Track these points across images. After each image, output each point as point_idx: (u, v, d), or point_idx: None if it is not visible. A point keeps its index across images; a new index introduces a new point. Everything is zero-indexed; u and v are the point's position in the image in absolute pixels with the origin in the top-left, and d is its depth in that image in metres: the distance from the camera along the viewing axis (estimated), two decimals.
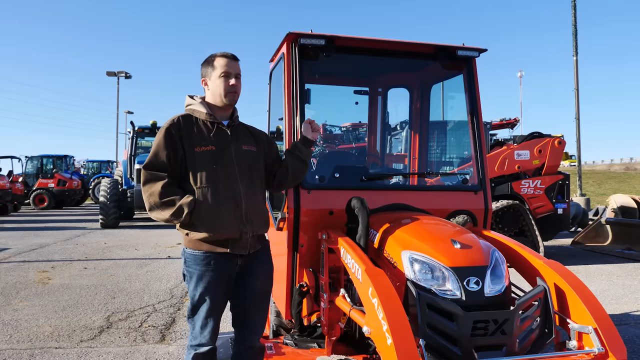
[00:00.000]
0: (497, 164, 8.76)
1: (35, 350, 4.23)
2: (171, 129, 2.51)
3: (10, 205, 20.36)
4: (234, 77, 2.60)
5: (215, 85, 2.59)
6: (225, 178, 2.50)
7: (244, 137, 2.68)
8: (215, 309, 2.54)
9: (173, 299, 6.01)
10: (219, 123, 2.59)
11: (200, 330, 2.53)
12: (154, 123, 16.71)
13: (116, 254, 9.61)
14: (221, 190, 2.48)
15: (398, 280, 2.34)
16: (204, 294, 2.49)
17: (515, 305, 2.21)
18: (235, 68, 2.61)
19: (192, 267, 2.52)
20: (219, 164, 2.50)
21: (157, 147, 2.51)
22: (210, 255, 2.49)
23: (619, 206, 11.32)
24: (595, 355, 2.11)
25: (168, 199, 2.43)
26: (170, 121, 2.55)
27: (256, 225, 2.58)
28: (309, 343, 3.21)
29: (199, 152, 2.50)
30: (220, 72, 2.57)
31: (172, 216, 2.43)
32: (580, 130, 18.55)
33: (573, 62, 18.47)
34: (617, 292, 6.54)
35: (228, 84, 2.58)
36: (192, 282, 2.53)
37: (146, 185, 2.49)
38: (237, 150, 2.59)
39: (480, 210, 3.26)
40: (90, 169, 32.65)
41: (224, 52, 2.63)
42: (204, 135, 2.54)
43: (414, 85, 4.25)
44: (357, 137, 7.15)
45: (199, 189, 2.48)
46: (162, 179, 2.47)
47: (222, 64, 2.58)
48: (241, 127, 2.73)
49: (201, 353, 2.54)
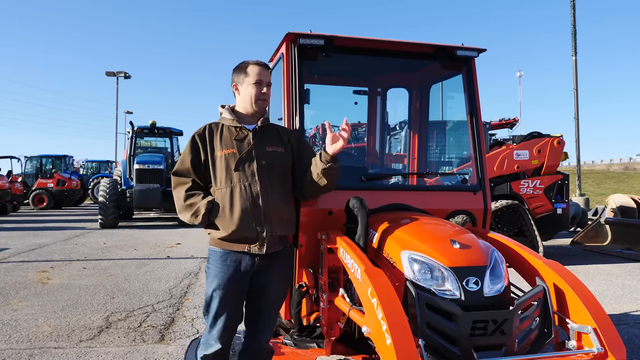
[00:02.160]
0: (496, 164, 8.77)
1: (35, 350, 4.23)
2: (195, 137, 2.67)
3: (10, 205, 20.34)
4: (266, 85, 2.68)
5: (247, 91, 2.68)
6: (244, 179, 2.58)
7: (269, 138, 2.71)
8: (226, 308, 2.57)
9: (172, 299, 6.01)
10: (242, 127, 2.66)
11: (209, 329, 2.61)
12: (153, 123, 16.70)
13: (115, 254, 9.60)
14: (239, 191, 2.56)
15: (397, 280, 2.34)
16: (216, 291, 2.57)
17: (515, 305, 2.21)
18: (267, 77, 2.69)
19: (212, 263, 2.63)
20: (238, 166, 2.59)
21: (183, 154, 2.69)
22: (229, 253, 2.58)
23: (618, 206, 11.33)
24: (595, 355, 2.11)
25: (189, 201, 2.59)
26: (197, 130, 2.70)
27: (275, 226, 2.60)
28: (308, 343, 3.21)
29: (220, 155, 2.61)
30: (253, 80, 2.65)
31: (191, 217, 2.57)
32: (579, 130, 18.57)
33: (572, 62, 18.47)
34: (617, 292, 6.54)
35: (260, 91, 2.66)
36: (208, 278, 2.63)
37: (174, 190, 2.68)
38: (260, 152, 2.63)
39: (479, 210, 3.26)
40: (89, 169, 32.61)
41: (257, 60, 2.71)
42: (226, 139, 2.64)
43: (414, 85, 4.25)
44: (357, 137, 7.16)
45: (219, 190, 2.60)
46: (186, 183, 2.64)
47: (255, 71, 2.66)
48: (269, 128, 2.76)
49: (209, 354, 2.60)
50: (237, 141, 2.63)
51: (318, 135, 7.49)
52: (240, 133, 2.66)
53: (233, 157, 2.60)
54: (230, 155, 2.60)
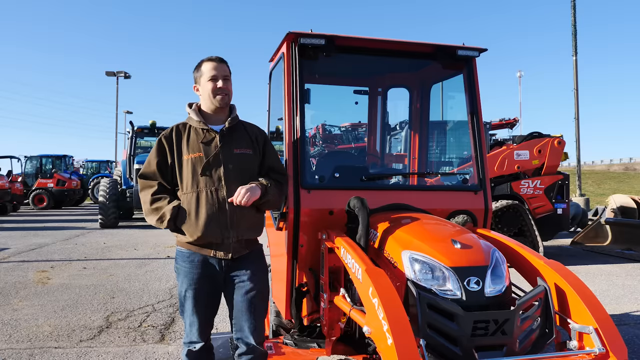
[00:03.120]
0: (496, 164, 8.76)
1: (35, 350, 4.23)
2: (162, 139, 2.63)
3: (10, 205, 20.34)
4: (222, 79, 2.64)
5: (205, 89, 2.66)
6: (210, 184, 2.55)
7: (238, 140, 2.67)
8: (200, 306, 2.58)
9: (172, 299, 6.00)
10: (209, 129, 2.62)
11: (189, 328, 2.61)
12: (153, 123, 16.69)
13: (115, 253, 9.60)
14: (205, 196, 2.54)
15: (398, 280, 2.34)
16: (187, 290, 2.59)
17: (516, 305, 2.20)
18: (222, 70, 2.65)
19: (180, 263, 2.64)
20: (205, 170, 2.55)
21: (150, 157, 2.65)
22: (196, 254, 2.59)
23: (619, 206, 11.34)
24: (596, 355, 2.10)
25: (155, 205, 2.57)
26: (164, 132, 2.66)
27: (242, 231, 2.59)
28: (309, 343, 3.20)
29: (187, 159, 2.58)
30: (207, 76, 2.63)
31: (157, 222, 2.55)
32: (579, 130, 18.56)
33: (572, 62, 18.48)
34: (617, 292, 6.54)
35: (215, 86, 2.63)
36: (179, 278, 2.64)
37: (141, 192, 2.65)
38: (227, 155, 2.59)
39: (480, 210, 3.25)
40: (89, 169, 32.59)
41: (210, 56, 2.68)
42: (193, 142, 2.60)
43: (414, 85, 4.25)
44: (357, 137, 7.16)
45: (184, 195, 2.58)
46: (152, 186, 2.60)
47: (208, 68, 2.64)
48: (238, 129, 2.71)
49: (194, 351, 2.60)
50: (203, 144, 2.58)
51: (318, 135, 7.49)
52: (207, 135, 2.61)
53: (200, 161, 2.56)
54: (197, 159, 2.56)
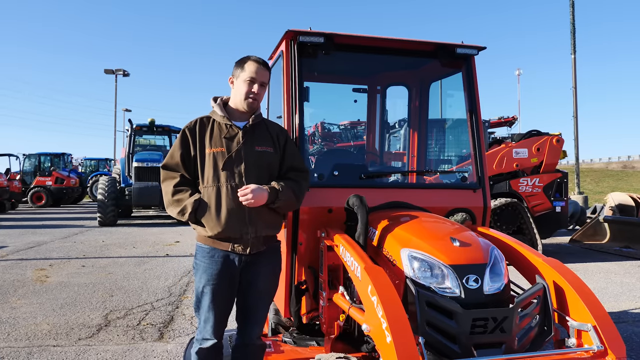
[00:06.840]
0: (495, 162, 8.77)
1: (33, 348, 4.22)
2: (186, 131, 2.63)
3: (8, 203, 20.32)
4: (259, 84, 2.63)
5: (239, 87, 2.65)
6: (231, 179, 2.56)
7: (260, 137, 2.68)
8: (218, 302, 2.57)
9: (171, 297, 6.01)
10: (232, 125, 2.63)
11: (203, 324, 2.61)
12: (152, 121, 16.67)
13: (114, 252, 9.59)
14: (225, 191, 2.54)
15: (397, 278, 2.34)
16: (205, 287, 2.57)
17: (515, 303, 2.21)
18: (262, 76, 2.64)
19: (199, 259, 2.62)
20: (226, 165, 2.56)
21: (173, 148, 2.65)
22: (215, 250, 2.58)
23: (617, 204, 11.37)
24: (595, 352, 2.11)
25: (177, 197, 2.56)
26: (188, 124, 2.66)
27: (260, 227, 2.59)
28: (308, 341, 3.21)
29: (209, 153, 2.58)
30: (247, 77, 2.61)
31: (178, 214, 2.56)
32: (578, 128, 18.55)
33: (571, 61, 18.47)
34: (615, 290, 6.55)
35: (250, 89, 2.62)
36: (197, 274, 2.62)
37: (163, 183, 2.64)
38: (249, 152, 2.60)
39: (479, 208, 3.26)
40: (88, 167, 32.58)
41: (258, 57, 2.67)
42: (216, 136, 2.61)
43: (413, 83, 4.24)
44: (356, 135, 7.15)
45: (205, 189, 2.58)
46: (175, 178, 2.60)
47: (251, 68, 2.62)
48: (260, 127, 2.72)
49: (204, 348, 2.60)
50: (226, 139, 2.60)
51: (317, 133, 7.49)
52: (230, 131, 2.62)
53: (221, 155, 2.57)
54: (218, 153, 2.57)
